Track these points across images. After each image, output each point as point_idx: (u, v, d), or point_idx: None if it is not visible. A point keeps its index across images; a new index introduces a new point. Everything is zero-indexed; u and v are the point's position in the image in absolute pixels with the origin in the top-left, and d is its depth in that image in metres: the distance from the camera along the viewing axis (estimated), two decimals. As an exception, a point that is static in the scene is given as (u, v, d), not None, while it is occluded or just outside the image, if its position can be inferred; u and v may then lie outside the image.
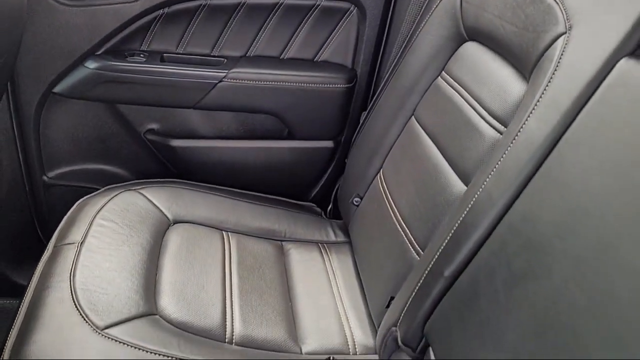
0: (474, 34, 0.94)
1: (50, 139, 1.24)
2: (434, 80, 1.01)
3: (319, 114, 1.27)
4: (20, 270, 1.32)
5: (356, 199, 1.15)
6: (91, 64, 1.15)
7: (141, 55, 1.18)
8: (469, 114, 0.86)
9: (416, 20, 1.12)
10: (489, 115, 0.81)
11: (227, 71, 1.19)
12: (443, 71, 1.00)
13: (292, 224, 1.20)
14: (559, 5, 0.71)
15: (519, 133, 0.68)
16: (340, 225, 1.24)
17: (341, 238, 1.21)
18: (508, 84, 0.80)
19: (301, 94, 1.23)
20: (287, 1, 1.19)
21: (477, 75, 0.88)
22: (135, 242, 0.97)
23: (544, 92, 0.67)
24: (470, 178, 0.79)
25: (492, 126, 0.79)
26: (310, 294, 1.02)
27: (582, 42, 0.65)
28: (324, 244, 1.18)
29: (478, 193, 0.71)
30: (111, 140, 1.27)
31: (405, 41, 1.13)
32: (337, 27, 1.23)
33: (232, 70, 1.20)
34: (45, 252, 0.94)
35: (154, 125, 1.27)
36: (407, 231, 0.91)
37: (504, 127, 0.76)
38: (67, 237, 0.95)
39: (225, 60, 1.23)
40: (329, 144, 1.31)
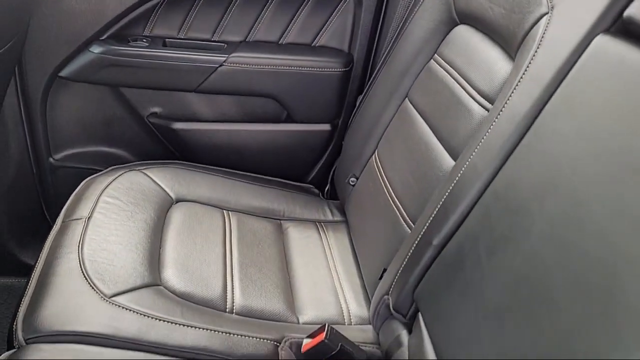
0: (464, 18, 0.97)
1: (56, 122, 1.27)
2: (427, 63, 1.05)
3: (316, 98, 1.31)
4: (28, 249, 1.36)
5: (352, 179, 1.19)
6: (96, 49, 1.19)
7: (144, 40, 1.22)
8: (459, 93, 0.90)
9: (410, 6, 1.15)
10: (477, 94, 0.85)
11: (227, 56, 1.23)
12: (435, 54, 1.04)
13: (291, 203, 1.24)
14: (542, -14, 0.74)
15: (503, 108, 0.72)
16: (337, 205, 1.28)
17: (338, 217, 1.25)
18: (496, 64, 0.84)
19: (299, 78, 1.27)
20: (286, -12, 1.23)
21: (468, 57, 0.92)
22: (140, 218, 1.01)
23: (527, 68, 0.71)
24: (459, 154, 0.82)
25: (480, 104, 0.83)
26: (308, 268, 1.07)
27: (563, 20, 0.69)
28: (321, 223, 1.22)
29: (465, 166, 0.75)
30: (115, 124, 1.31)
31: (400, 26, 1.17)
32: (334, 12, 1.27)
33: (232, 55, 1.23)
34: (54, 227, 0.99)
35: (157, 109, 1.30)
36: (400, 207, 0.95)
37: (491, 105, 0.80)
38: (74, 213, 0.99)
39: (226, 45, 1.26)
40: (327, 127, 1.35)
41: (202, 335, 0.82)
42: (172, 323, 0.82)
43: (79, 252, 0.89)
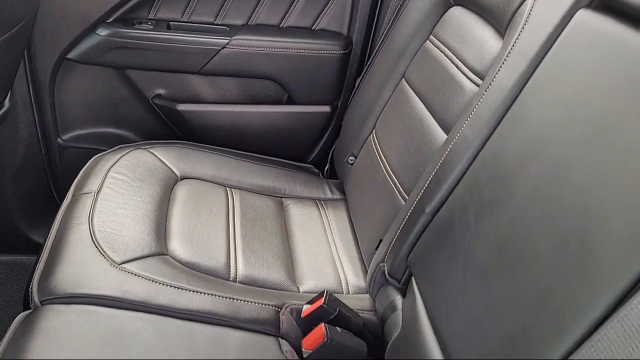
0: (459, -1, 1.01)
1: (64, 103, 1.31)
2: (423, 44, 1.09)
3: (316, 80, 1.35)
4: (37, 228, 1.41)
5: (351, 158, 1.23)
6: (102, 31, 1.23)
7: (149, 23, 1.26)
8: (452, 71, 0.93)
9: (407, -11, 1.19)
10: (469, 72, 0.89)
11: (229, 38, 1.27)
12: (431, 35, 1.08)
13: (291, 182, 1.29)
14: (530, -34, 0.78)
15: (492, 82, 0.76)
16: (336, 185, 1.33)
17: (337, 195, 1.29)
18: (487, 42, 0.88)
19: (299, 60, 1.31)
20: (286, -28, 1.26)
21: (461, 36, 0.96)
22: (146, 193, 1.05)
23: (515, 44, 0.74)
24: (451, 128, 0.86)
25: (471, 80, 0.87)
26: (308, 242, 1.11)
27: (548, -3, 0.72)
28: (321, 201, 1.26)
29: (456, 137, 0.79)
30: (121, 105, 1.35)
31: (397, 9, 1.21)
32: (334, -4, 1.31)
33: (234, 38, 1.27)
34: (64, 200, 1.03)
35: (161, 91, 1.34)
36: (396, 180, 0.99)
37: (482, 81, 0.84)
38: (84, 187, 1.04)
39: (228, 28, 1.30)
40: (326, 108, 1.39)
41: (207, 300, 0.86)
42: (178, 288, 0.86)
43: (89, 223, 0.93)
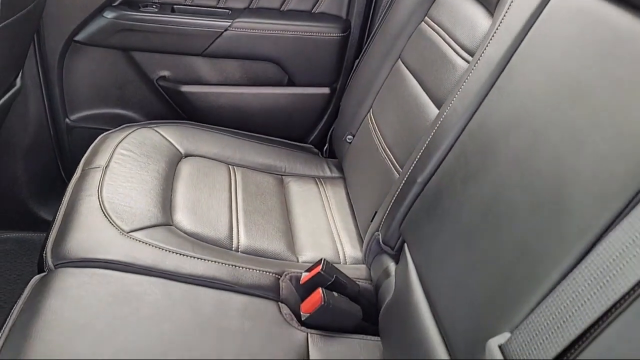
0: (452, -19, 1.05)
1: (72, 84, 1.36)
2: (418, 25, 1.13)
3: (316, 62, 1.39)
4: (46, 206, 1.46)
5: (349, 137, 1.28)
6: (109, 14, 1.27)
7: (153, 6, 1.30)
8: (445, 50, 0.98)
9: (404, -28, 1.22)
10: (461, 49, 0.93)
11: (231, 21, 1.31)
12: (426, 16, 1.11)
13: (292, 161, 1.33)
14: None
15: (480, 57, 0.80)
16: (335, 164, 1.37)
17: (336, 174, 1.34)
18: (478, 21, 0.92)
19: (299, 43, 1.35)
20: (287, -43, 1.30)
21: (454, 17, 1.00)
22: (152, 168, 1.10)
23: (502, 20, 0.78)
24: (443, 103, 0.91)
25: (462, 58, 0.91)
26: (307, 216, 1.16)
27: (533, -25, 0.76)
28: (320, 179, 1.31)
29: (447, 111, 0.83)
30: (127, 87, 1.39)
31: (394, -8, 1.25)
32: (333, -20, 1.35)
33: (236, 20, 1.31)
34: (74, 174, 1.08)
35: (166, 73, 1.38)
36: (391, 156, 1.03)
37: (472, 57, 0.88)
38: (93, 162, 1.08)
39: (230, 11, 1.34)
40: (326, 90, 1.43)
41: (211, 266, 0.91)
42: (183, 255, 0.91)
43: (98, 195, 0.98)
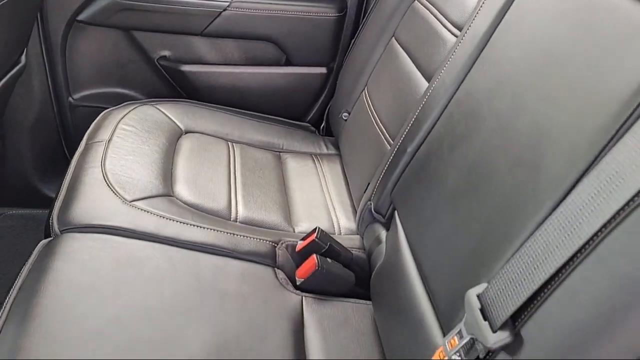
0: (444, -41, 1.07)
1: (75, 64, 1.39)
2: (412, 4, 1.16)
3: (313, 42, 1.42)
4: (49, 183, 1.49)
5: (345, 114, 1.31)
6: (110, -6, 1.30)
7: (154, -14, 1.33)
8: (436, 26, 1.01)
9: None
10: (451, 25, 0.96)
11: (230, 1, 1.34)
12: (419, -5, 1.14)
13: (289, 138, 1.37)
14: None
15: (468, 30, 0.83)
16: (331, 141, 1.41)
17: (332, 151, 1.37)
18: (468, -2, 0.95)
19: (297, 23, 1.38)
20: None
21: (446, -6, 1.03)
22: (153, 143, 1.13)
23: (488, -5, 0.82)
24: (433, 77, 0.94)
25: (452, 33, 0.95)
26: (303, 190, 1.19)
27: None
28: (317, 155, 1.34)
29: (435, 83, 0.87)
30: (128, 66, 1.43)
31: (389, -28, 1.27)
32: (330, -40, 1.38)
33: (235, 0, 1.34)
34: (78, 148, 1.11)
35: (166, 52, 1.42)
36: (384, 129, 1.07)
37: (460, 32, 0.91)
38: (96, 137, 1.12)
39: (229, -9, 1.37)
40: (322, 70, 1.47)
41: (210, 234, 0.95)
42: (183, 223, 0.95)
43: (101, 167, 1.02)
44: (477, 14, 0.82)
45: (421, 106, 0.88)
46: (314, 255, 0.92)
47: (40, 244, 0.88)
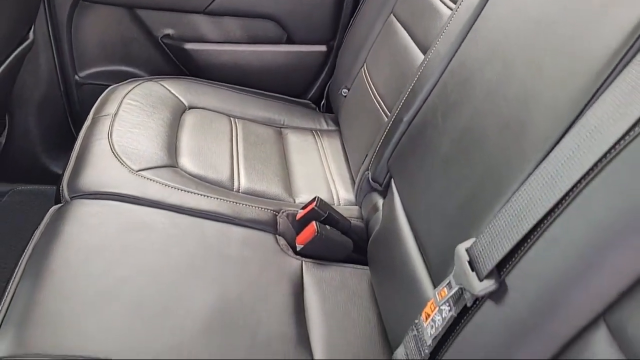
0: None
1: (80, 42, 1.42)
2: (410, -19, 1.18)
3: (313, 20, 1.44)
4: (57, 160, 1.53)
5: (344, 90, 1.34)
6: (115, -28, 1.33)
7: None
8: (432, 1, 1.03)
9: None
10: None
11: (232, -21, 1.37)
12: (417, -29, 1.17)
13: (290, 114, 1.40)
14: None
15: (462, 3, 0.86)
16: (331, 118, 1.44)
17: (332, 127, 1.41)
18: (463, -28, 0.97)
19: (298, 1, 1.41)
20: None
21: (442, -30, 1.05)
22: (158, 117, 1.17)
23: (481, -32, 0.84)
24: (429, 50, 0.97)
25: (447, 7, 0.97)
26: (304, 163, 1.23)
27: None
28: (317, 131, 1.38)
29: (431, 54, 0.89)
30: (132, 44, 1.46)
31: (388, -50, 1.29)
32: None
33: (237, -22, 1.37)
34: (85, 122, 1.15)
35: (169, 31, 1.44)
36: (382, 102, 1.10)
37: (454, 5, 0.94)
38: (102, 111, 1.15)
39: (231, -31, 1.40)
40: (323, 48, 1.49)
41: (213, 202, 0.98)
42: (188, 192, 0.98)
43: (108, 139, 1.05)
44: (471, -14, 0.85)
45: (417, 77, 0.91)
46: (314, 222, 0.96)
47: (51, 210, 0.91)
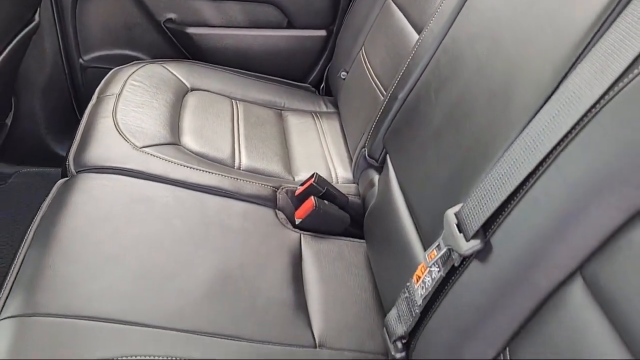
0: None
1: (85, 26, 1.45)
2: (407, -35, 1.21)
3: (313, 5, 1.47)
4: (61, 143, 1.56)
5: (343, 73, 1.37)
6: (118, -44, 1.36)
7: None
8: (428, -17, 1.06)
9: None
10: (442, -19, 1.01)
11: (234, -37, 1.40)
12: (414, -45, 1.19)
13: (290, 97, 1.43)
14: None
15: (455, -18, 0.89)
16: (331, 101, 1.47)
17: (331, 109, 1.44)
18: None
19: (298, -15, 1.44)
20: None
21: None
22: (161, 97, 1.20)
23: (474, -52, 0.87)
24: (425, 30, 1.00)
25: (442, -12, 1.00)
26: (303, 144, 1.26)
27: None
28: (317, 113, 1.41)
29: (425, 32, 0.92)
30: (136, 29, 1.49)
31: None
32: None
33: (238, -37, 1.40)
34: (90, 101, 1.18)
35: (172, 15, 1.47)
36: (378, 83, 1.13)
37: (450, -14, 0.97)
38: (107, 91, 1.19)
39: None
40: (322, 32, 1.52)
41: (215, 178, 1.02)
42: (190, 168, 1.02)
43: (113, 117, 1.08)
44: (463, -33, 0.88)
45: (412, 55, 0.94)
46: (312, 197, 0.99)
47: (58, 183, 0.95)
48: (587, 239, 0.52)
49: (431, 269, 0.67)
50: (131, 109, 1.13)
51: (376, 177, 1.01)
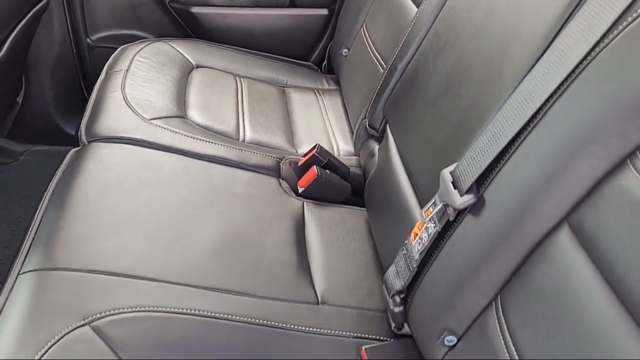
0: None
1: (92, 6, 1.48)
2: (407, -58, 1.23)
3: (315, -17, 1.50)
4: (69, 122, 1.60)
5: (344, 50, 1.40)
6: (124, -64, 1.39)
7: None
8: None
9: None
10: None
11: (237, -57, 1.42)
12: None
13: (293, 75, 1.46)
14: None
15: (452, -45, 0.91)
16: (333, 78, 1.50)
17: (333, 87, 1.47)
18: None
19: (300, -36, 1.46)
20: None
21: None
22: (167, 73, 1.23)
23: None
24: (424, 4, 1.02)
25: (441, -38, 1.02)
26: (305, 119, 1.29)
27: None
28: (319, 90, 1.44)
29: (424, 4, 0.95)
30: (142, 9, 1.52)
31: None
32: None
33: (241, -58, 1.42)
34: (99, 78, 1.21)
35: (177, -5, 1.50)
36: (379, 57, 1.16)
37: (448, -40, 1.00)
38: (115, 67, 1.22)
39: None
40: (324, 11, 1.55)
41: (220, 148, 1.05)
42: (196, 139, 1.05)
43: (121, 91, 1.12)
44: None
45: (411, 27, 0.97)
46: (314, 166, 1.03)
47: (71, 152, 0.98)
48: (573, 189, 0.55)
49: (427, 225, 0.70)
50: (139, 83, 1.16)
51: (376, 148, 1.04)
